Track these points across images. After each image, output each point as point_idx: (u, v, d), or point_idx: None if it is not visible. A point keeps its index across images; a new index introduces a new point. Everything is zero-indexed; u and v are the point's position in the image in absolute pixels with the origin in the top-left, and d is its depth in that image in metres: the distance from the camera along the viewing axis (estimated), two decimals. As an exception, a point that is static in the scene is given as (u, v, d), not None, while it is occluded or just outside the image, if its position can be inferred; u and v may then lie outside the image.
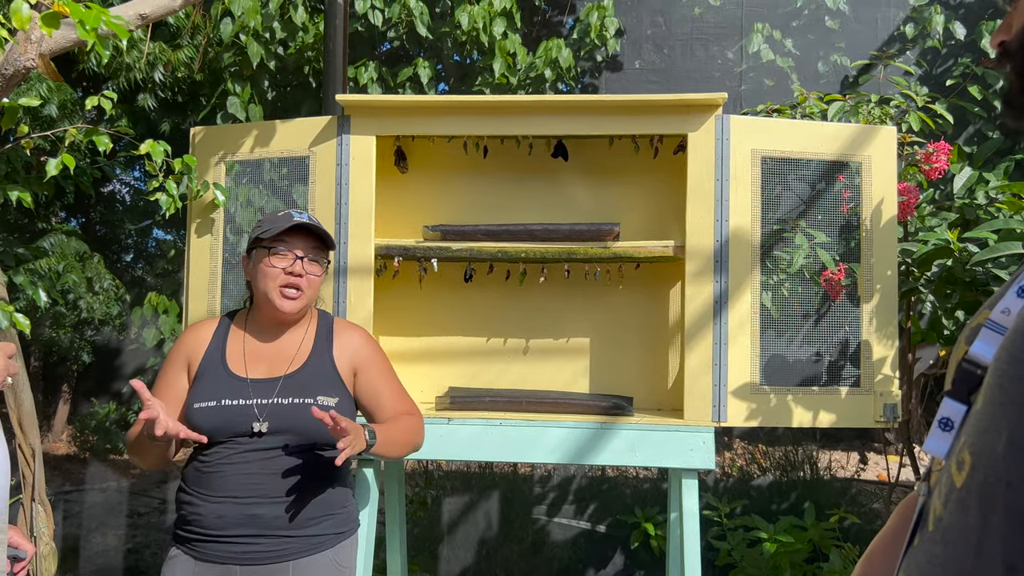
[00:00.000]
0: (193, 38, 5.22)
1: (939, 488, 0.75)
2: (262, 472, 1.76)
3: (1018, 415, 0.64)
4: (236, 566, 1.75)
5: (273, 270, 1.81)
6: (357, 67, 5.23)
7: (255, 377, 1.82)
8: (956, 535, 0.70)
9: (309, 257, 1.84)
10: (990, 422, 0.67)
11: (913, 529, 0.81)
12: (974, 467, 0.68)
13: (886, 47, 5.35)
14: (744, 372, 2.38)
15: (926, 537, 0.75)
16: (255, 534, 1.75)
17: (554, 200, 2.71)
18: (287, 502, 1.76)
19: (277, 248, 1.82)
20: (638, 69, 5.49)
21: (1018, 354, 0.65)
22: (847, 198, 2.45)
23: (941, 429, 0.77)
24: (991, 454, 0.66)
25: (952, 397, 0.77)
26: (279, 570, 1.76)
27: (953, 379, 0.78)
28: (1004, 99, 0.81)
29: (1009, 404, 0.65)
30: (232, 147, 2.56)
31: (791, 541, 2.87)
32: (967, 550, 0.68)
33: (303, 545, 1.78)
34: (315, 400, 1.81)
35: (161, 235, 7.83)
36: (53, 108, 4.57)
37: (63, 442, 7.31)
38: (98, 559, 4.48)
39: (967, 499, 0.69)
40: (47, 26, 1.40)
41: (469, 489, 4.34)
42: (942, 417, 0.77)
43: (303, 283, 1.83)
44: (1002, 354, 0.67)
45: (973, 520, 0.67)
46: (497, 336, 2.72)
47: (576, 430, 2.36)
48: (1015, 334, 0.66)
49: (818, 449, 5.00)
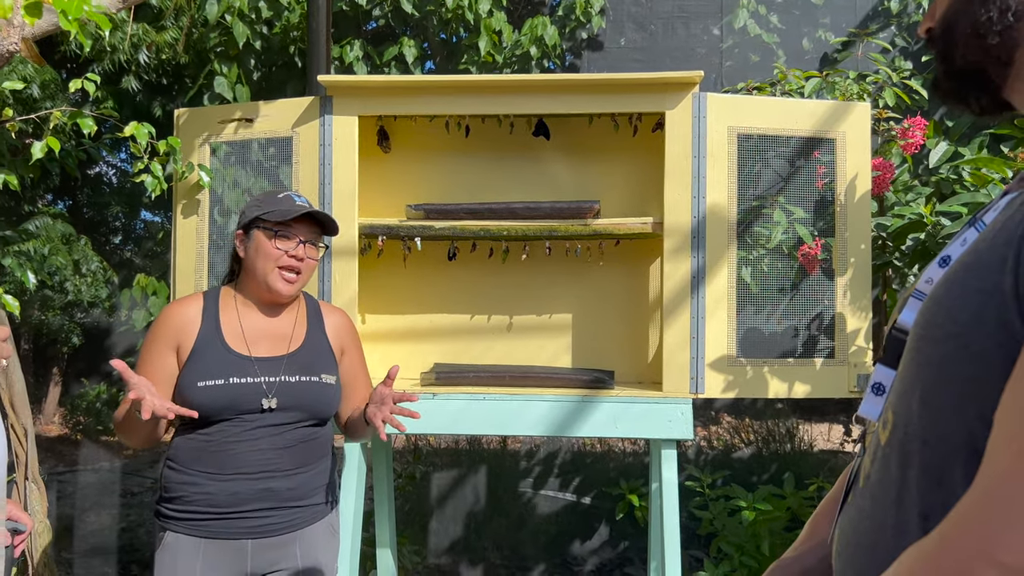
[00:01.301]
0: (177, 19, 5.20)
1: (870, 448, 0.80)
2: (271, 448, 1.81)
3: (931, 375, 0.69)
4: (248, 540, 1.80)
5: (276, 251, 1.84)
6: (342, 46, 5.22)
7: (259, 355, 1.85)
8: (880, 489, 0.75)
9: (310, 242, 1.88)
10: (909, 384, 0.72)
11: (848, 488, 0.86)
12: (895, 425, 0.73)
13: (870, 22, 5.38)
14: (721, 345, 2.43)
15: (858, 493, 0.81)
16: (269, 507, 1.81)
17: (535, 178, 2.75)
18: (296, 474, 1.84)
19: (283, 231, 1.84)
20: (622, 48, 5.51)
21: (932, 319, 0.70)
22: (822, 174, 2.50)
23: (874, 394, 0.82)
24: (908, 413, 0.71)
25: (883, 363, 0.82)
26: (288, 540, 1.84)
27: (884, 346, 0.83)
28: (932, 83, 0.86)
29: (925, 365, 0.69)
30: (216, 128, 2.59)
31: (769, 509, 2.95)
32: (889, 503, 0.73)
33: (309, 514, 1.87)
34: (320, 378, 1.88)
35: (149, 216, 7.82)
36: (36, 89, 4.56)
37: (55, 424, 7.35)
38: (92, 538, 4.53)
39: (889, 455, 0.74)
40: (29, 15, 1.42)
41: (457, 464, 4.41)
42: (874, 382, 0.82)
43: (302, 267, 1.86)
44: (919, 319, 0.72)
45: (894, 475, 0.73)
46: (481, 313, 2.77)
47: (559, 403, 2.42)
48: (931, 300, 0.71)
49: (801, 423, 5.09)
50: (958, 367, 0.66)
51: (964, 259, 0.69)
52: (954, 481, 0.66)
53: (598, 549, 4.18)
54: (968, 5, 0.78)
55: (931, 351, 0.69)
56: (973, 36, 0.77)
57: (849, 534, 0.80)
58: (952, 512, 0.62)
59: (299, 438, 1.85)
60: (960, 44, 0.79)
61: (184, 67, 5.47)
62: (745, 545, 2.99)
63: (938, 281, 0.72)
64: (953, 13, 0.80)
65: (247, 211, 1.90)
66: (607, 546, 4.17)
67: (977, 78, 0.79)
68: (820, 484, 3.21)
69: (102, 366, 7.74)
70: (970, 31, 0.77)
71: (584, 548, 4.20)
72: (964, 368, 0.65)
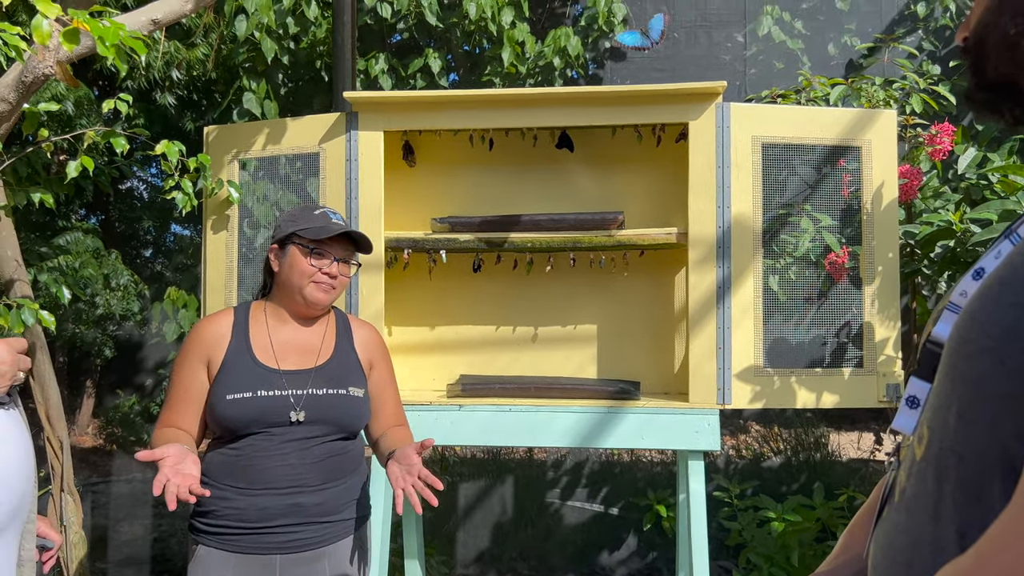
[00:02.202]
0: (207, 36, 5.29)
1: (905, 462, 0.80)
2: (300, 462, 1.81)
3: (967, 391, 0.68)
4: (277, 555, 1.80)
5: (310, 268, 1.87)
6: (368, 59, 5.28)
7: (287, 368, 1.87)
8: (916, 504, 0.75)
9: (343, 259, 1.91)
10: (944, 398, 0.71)
11: (883, 502, 0.86)
12: (931, 441, 0.73)
13: (896, 26, 5.33)
14: (748, 355, 2.42)
15: (893, 507, 0.80)
16: (298, 522, 1.80)
17: (559, 190, 2.76)
18: (325, 489, 1.83)
19: (318, 248, 1.87)
20: (645, 57, 5.51)
21: (967, 334, 0.69)
22: (848, 182, 2.48)
23: (909, 407, 0.82)
24: (944, 428, 0.71)
25: (917, 376, 0.81)
26: (317, 556, 1.83)
27: (918, 359, 0.83)
28: (965, 94, 0.86)
29: (960, 380, 0.69)
30: (245, 145, 2.63)
31: (799, 520, 2.92)
32: (925, 518, 0.72)
33: (339, 530, 1.86)
34: (347, 391, 1.88)
35: (179, 230, 7.94)
36: (70, 106, 4.66)
37: (89, 435, 7.47)
38: (126, 548, 4.60)
39: (925, 470, 0.73)
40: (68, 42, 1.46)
41: (484, 474, 4.42)
42: (909, 395, 0.82)
43: (335, 283, 1.90)
44: (954, 333, 0.72)
45: (930, 490, 0.72)
46: (506, 325, 2.78)
47: (585, 415, 2.42)
48: (966, 314, 0.71)
49: (831, 431, 5.03)
50: (994, 383, 0.65)
51: (999, 272, 0.69)
52: (992, 498, 0.65)
53: (626, 560, 4.17)
54: (997, 17, 0.77)
55: (966, 366, 0.68)
56: (1004, 48, 0.77)
57: (885, 549, 0.79)
58: (989, 531, 0.62)
59: (328, 452, 1.85)
60: (992, 56, 0.79)
61: (214, 83, 5.56)
62: (775, 556, 2.97)
63: (973, 294, 0.72)
64: (984, 26, 0.79)
65: (283, 225, 1.92)
66: (635, 557, 4.15)
67: (1009, 89, 0.79)
68: (850, 494, 3.18)
69: (134, 378, 7.85)
70: (1001, 44, 0.77)
71: (612, 559, 4.18)
72: (1000, 384, 0.64)
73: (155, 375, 7.55)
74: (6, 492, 1.35)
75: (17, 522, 1.38)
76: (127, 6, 4.53)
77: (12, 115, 2.12)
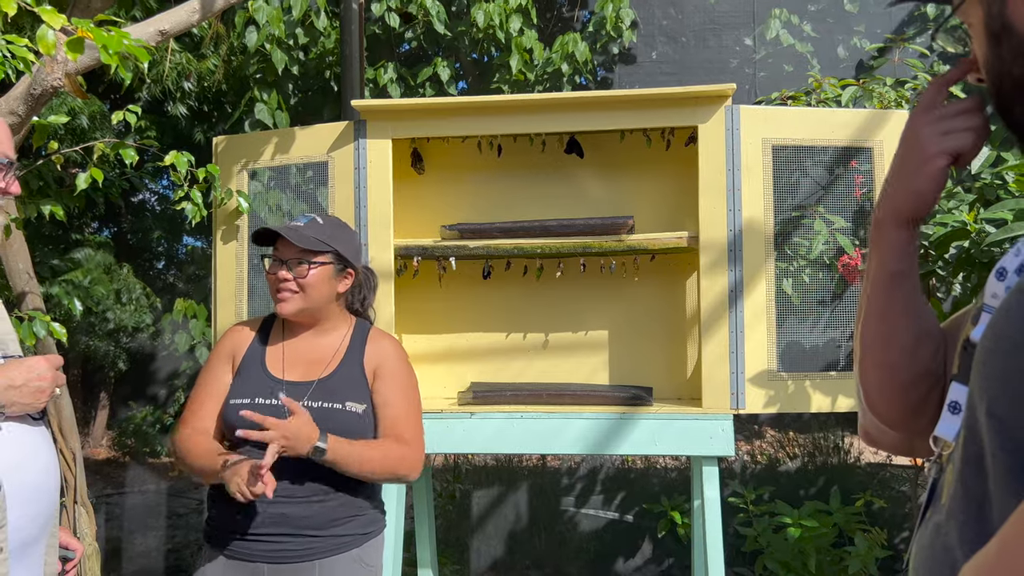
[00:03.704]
0: (216, 48, 5.32)
1: (950, 464, 0.79)
2: (290, 474, 1.78)
3: (997, 388, 0.67)
4: (264, 564, 1.79)
5: (270, 276, 1.91)
6: (376, 69, 5.29)
7: (290, 379, 1.87)
8: (956, 505, 0.74)
9: (295, 259, 1.87)
10: (980, 396, 0.70)
11: (926, 505, 0.84)
12: (967, 440, 0.72)
13: (906, 27, 5.30)
14: (761, 360, 2.40)
15: (937, 509, 0.79)
16: (283, 533, 1.79)
17: (568, 195, 2.75)
18: (314, 502, 1.81)
19: (269, 257, 1.92)
20: (654, 61, 5.50)
21: (1000, 331, 0.68)
22: (860, 183, 2.46)
23: (951, 412, 0.81)
24: (981, 427, 0.70)
25: (958, 380, 0.80)
26: (305, 569, 1.80)
27: (957, 363, 0.82)
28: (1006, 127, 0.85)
29: (991, 378, 0.68)
30: (254, 155, 2.63)
31: (815, 525, 2.89)
32: (967, 518, 0.71)
33: (329, 545, 1.82)
34: (344, 406, 1.85)
35: (191, 241, 7.97)
36: (84, 120, 4.69)
37: (103, 447, 7.49)
38: (140, 559, 4.60)
39: (964, 470, 0.73)
40: (72, 51, 1.46)
41: (497, 482, 4.40)
42: (951, 401, 0.81)
43: (291, 286, 1.87)
44: (988, 332, 0.71)
45: (970, 490, 0.71)
46: (517, 331, 2.77)
47: (597, 421, 2.40)
48: (999, 313, 0.70)
49: (847, 435, 4.99)
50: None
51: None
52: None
53: (641, 567, 4.14)
54: (1001, 64, 0.77)
55: (1001, 363, 0.67)
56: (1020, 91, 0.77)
57: (927, 550, 0.78)
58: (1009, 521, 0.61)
59: (319, 465, 1.77)
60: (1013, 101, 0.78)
61: (224, 94, 5.59)
62: (791, 562, 2.93)
63: (1011, 290, 0.71)
64: (996, 75, 0.79)
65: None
66: (651, 564, 4.12)
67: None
68: (868, 499, 3.14)
69: (147, 389, 7.88)
70: (1014, 88, 0.77)
71: (627, 566, 4.15)
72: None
73: (168, 386, 7.57)
74: (37, 506, 1.37)
75: (46, 535, 1.39)
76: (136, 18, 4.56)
77: (22, 128, 2.13)
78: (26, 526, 1.34)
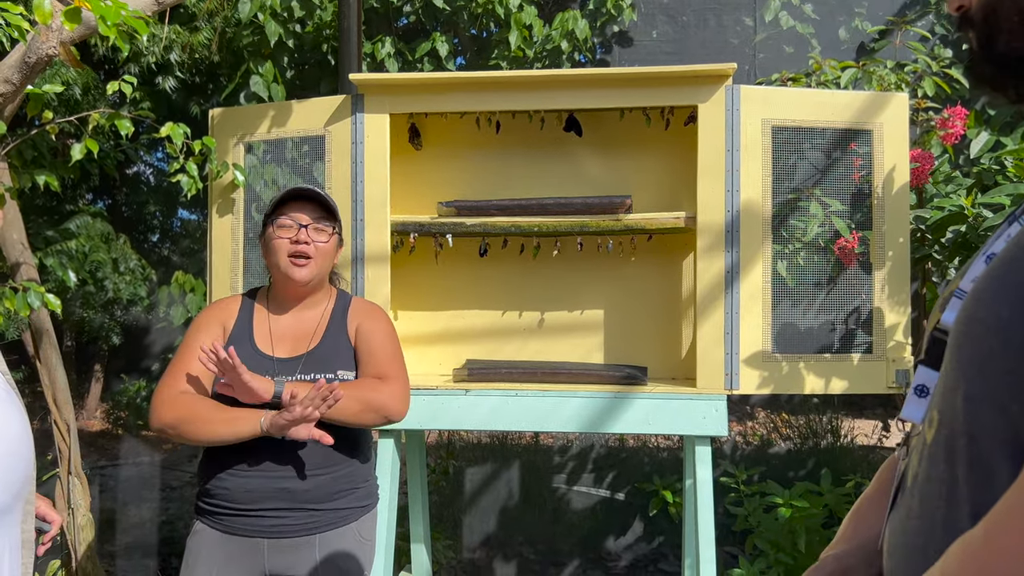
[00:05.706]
0: (211, 20, 5.27)
1: (916, 448, 0.79)
2: (290, 447, 1.80)
3: (973, 371, 0.67)
4: (264, 539, 1.80)
5: (280, 241, 1.85)
6: (374, 43, 5.25)
7: (280, 356, 1.87)
8: (929, 489, 0.74)
9: (314, 225, 1.86)
10: (952, 381, 0.70)
11: (895, 491, 0.84)
12: (940, 424, 0.72)
13: (908, 9, 5.27)
14: (756, 341, 2.40)
15: (906, 493, 0.79)
16: (284, 507, 1.79)
17: (566, 174, 2.73)
18: (315, 476, 1.82)
19: (281, 220, 1.86)
20: (654, 40, 5.46)
21: (974, 314, 0.68)
22: (859, 166, 2.45)
23: (917, 396, 0.81)
24: (953, 410, 0.70)
25: (926, 364, 0.80)
26: (305, 543, 1.81)
27: (926, 347, 0.82)
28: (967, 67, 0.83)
29: (967, 361, 0.68)
30: (250, 128, 2.61)
31: (806, 506, 2.91)
32: (939, 501, 0.72)
33: (329, 518, 1.84)
34: (335, 375, 1.85)
35: (186, 215, 7.94)
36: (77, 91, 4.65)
37: (97, 419, 7.50)
38: (134, 531, 4.62)
39: (936, 453, 0.73)
40: (69, 21, 1.45)
41: (490, 459, 4.42)
42: (918, 384, 0.81)
43: (310, 251, 1.85)
44: (961, 315, 0.71)
45: (942, 473, 0.71)
46: (513, 309, 2.76)
47: (592, 400, 2.41)
48: (972, 296, 0.70)
49: (840, 417, 5.02)
50: (1000, 362, 0.64)
51: (1005, 254, 0.68)
52: (1003, 477, 0.64)
53: (632, 545, 4.17)
54: None
55: (974, 347, 0.67)
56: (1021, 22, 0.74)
57: (899, 535, 0.79)
58: (995, 508, 0.61)
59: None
60: (1005, 30, 0.76)
61: (219, 66, 5.54)
62: (781, 542, 2.96)
63: (979, 276, 0.70)
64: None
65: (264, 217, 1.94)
66: (641, 542, 4.15)
67: (1020, 65, 0.76)
68: (858, 480, 3.17)
69: (141, 362, 7.88)
70: (1017, 17, 0.74)
71: (618, 544, 4.18)
72: (1007, 363, 0.63)
73: (162, 360, 7.57)
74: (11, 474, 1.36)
75: (21, 502, 1.39)
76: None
77: (16, 96, 2.11)
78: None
